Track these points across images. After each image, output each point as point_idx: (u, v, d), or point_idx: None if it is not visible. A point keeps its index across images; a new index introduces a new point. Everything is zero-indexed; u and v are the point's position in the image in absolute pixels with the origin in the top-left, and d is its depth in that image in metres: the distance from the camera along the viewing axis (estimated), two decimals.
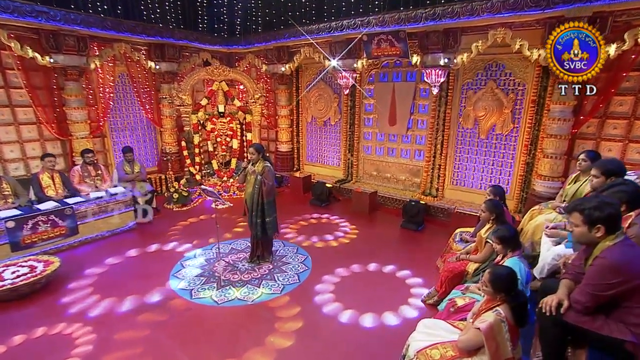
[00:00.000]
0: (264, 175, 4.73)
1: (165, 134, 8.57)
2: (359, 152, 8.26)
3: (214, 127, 8.33)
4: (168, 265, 5.14)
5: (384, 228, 6.46)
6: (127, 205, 6.34)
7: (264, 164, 4.78)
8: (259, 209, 4.83)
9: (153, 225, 6.61)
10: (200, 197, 7.97)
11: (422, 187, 7.32)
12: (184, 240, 5.97)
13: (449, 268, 4.05)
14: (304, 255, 5.45)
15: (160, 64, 8.01)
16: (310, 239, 6.02)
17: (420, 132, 7.27)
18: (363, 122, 8.08)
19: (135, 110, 8.36)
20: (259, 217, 4.86)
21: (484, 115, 6.31)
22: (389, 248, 5.69)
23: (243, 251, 5.60)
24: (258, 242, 5.14)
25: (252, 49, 8.90)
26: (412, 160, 7.50)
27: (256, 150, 4.77)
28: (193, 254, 5.50)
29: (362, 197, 7.22)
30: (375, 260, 5.24)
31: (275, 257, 5.37)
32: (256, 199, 4.80)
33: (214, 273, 4.93)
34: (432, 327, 2.90)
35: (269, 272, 4.97)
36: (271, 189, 4.85)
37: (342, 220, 6.82)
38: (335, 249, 5.69)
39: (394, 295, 4.38)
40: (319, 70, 8.39)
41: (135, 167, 6.85)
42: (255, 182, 4.76)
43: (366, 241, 5.95)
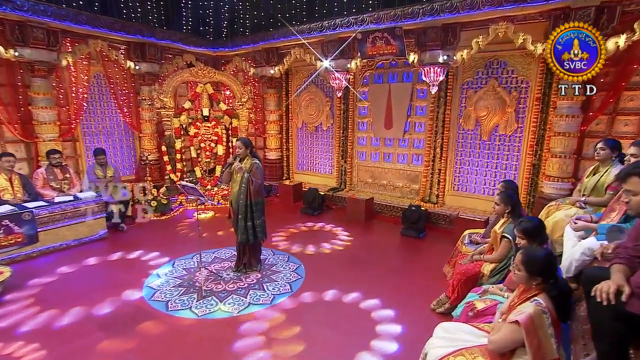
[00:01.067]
0: (252, 173, 4.38)
1: (145, 140, 8.19)
2: (352, 159, 8.05)
3: (198, 131, 8.00)
4: (141, 275, 4.68)
5: (383, 236, 6.14)
6: (97, 212, 5.87)
7: (252, 160, 4.45)
8: (247, 211, 4.47)
9: (127, 234, 6.16)
10: (182, 206, 7.55)
11: (421, 194, 7.07)
12: (160, 249, 5.53)
13: (461, 270, 3.71)
14: (296, 264, 5.06)
15: (141, 64, 7.72)
16: (303, 247, 5.62)
17: (418, 135, 7.09)
18: (357, 127, 7.89)
19: (111, 113, 7.99)
20: (248, 220, 4.49)
21: (486, 116, 6.16)
22: (389, 255, 5.37)
23: (228, 260, 5.19)
24: (245, 249, 4.74)
25: (240, 51, 8.71)
26: (410, 165, 7.29)
27: (244, 144, 4.45)
28: (171, 263, 5.05)
29: (357, 204, 6.93)
30: (376, 267, 4.89)
31: (264, 265, 4.96)
32: (243, 199, 4.44)
33: (195, 283, 4.49)
34: (452, 331, 2.53)
35: (257, 281, 4.55)
36: (260, 187, 4.52)
37: (336, 228, 6.49)
38: (329, 257, 5.33)
39: (401, 302, 4.00)
40: (309, 73, 8.27)
41: (108, 170, 6.42)
42: (242, 181, 4.41)
43: (364, 249, 5.61)
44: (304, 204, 7.53)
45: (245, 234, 4.51)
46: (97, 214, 5.89)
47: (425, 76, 6.17)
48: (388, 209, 7.15)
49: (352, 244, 5.80)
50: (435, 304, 3.94)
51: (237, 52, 8.75)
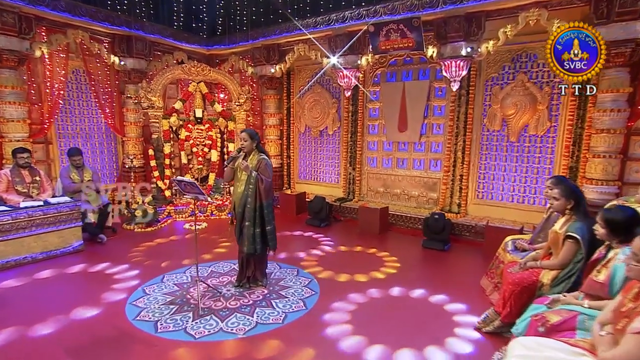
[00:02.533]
0: (260, 171, 3.97)
1: (129, 144, 7.75)
2: (362, 166, 7.73)
3: (190, 135, 7.63)
4: (122, 290, 4.16)
5: (403, 249, 5.72)
6: (72, 221, 5.36)
7: (260, 156, 4.04)
8: (255, 216, 4.03)
9: (106, 246, 5.67)
10: (170, 217, 7.07)
11: (441, 203, 6.74)
12: (147, 262, 5.04)
13: (514, 280, 3.29)
14: (307, 278, 4.60)
15: (126, 60, 7.37)
16: (311, 258, 5.15)
17: (436, 138, 6.81)
18: (367, 130, 7.61)
19: (91, 113, 7.57)
20: (257, 226, 4.05)
21: (514, 114, 5.90)
22: (414, 271, 4.94)
23: (227, 274, 4.71)
24: (249, 261, 4.28)
25: (236, 49, 8.45)
26: (427, 171, 6.98)
27: (250, 136, 4.05)
28: (159, 278, 4.54)
29: (371, 214, 6.56)
30: (400, 284, 4.45)
31: (270, 280, 4.49)
32: (251, 202, 4.01)
33: (189, 300, 3.99)
34: (536, 347, 2.10)
35: (263, 297, 4.07)
36: (271, 187, 4.12)
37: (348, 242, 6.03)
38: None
39: (433, 325, 3.55)
40: (314, 72, 8.03)
41: (85, 174, 5.91)
42: (248, 181, 4.00)
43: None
44: (309, 214, 7.10)
45: (253, 243, 4.05)
46: (72, 222, 5.36)
47: (445, 71, 5.93)
48: (403, 220, 6.79)
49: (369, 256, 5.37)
50: (482, 323, 3.49)
51: (234, 50, 8.49)
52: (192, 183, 3.76)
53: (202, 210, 7.32)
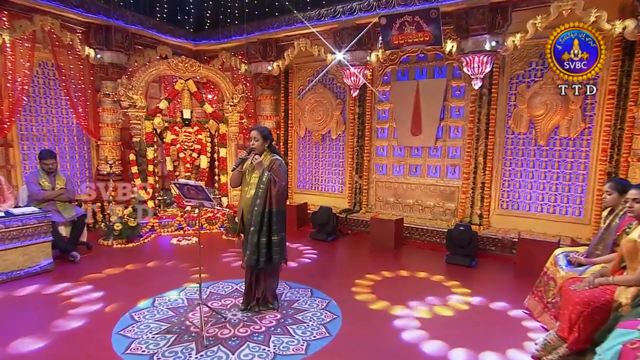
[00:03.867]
0: (273, 172, 3.64)
1: (104, 149, 7.30)
2: (369, 173, 7.51)
3: (176, 138, 7.23)
4: (107, 319, 3.70)
5: (424, 265, 5.42)
6: (40, 235, 4.86)
7: (272, 156, 3.76)
8: (262, 222, 3.69)
9: (80, 265, 5.17)
10: (154, 231, 6.63)
11: (460, 214, 6.52)
12: (128, 284, 4.62)
13: (582, 300, 2.99)
14: (324, 299, 4.23)
15: (103, 53, 6.98)
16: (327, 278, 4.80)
17: (453, 142, 6.64)
18: (375, 134, 7.42)
19: (61, 113, 7.09)
20: (263, 235, 3.70)
21: (543, 115, 5.75)
22: (428, 290, 4.64)
23: (229, 296, 4.31)
24: (258, 279, 3.90)
25: (228, 44, 8.17)
26: (444, 179, 6.78)
27: (261, 135, 3.76)
28: (149, 302, 4.10)
29: (384, 226, 6.30)
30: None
31: (282, 302, 4.11)
32: (260, 206, 3.67)
33: (189, 327, 3.56)
34: None
35: (277, 323, 3.68)
36: (284, 191, 3.82)
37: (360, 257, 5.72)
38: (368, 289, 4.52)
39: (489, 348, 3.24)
40: (316, 70, 7.83)
41: (58, 181, 5.46)
42: (260, 182, 3.66)
43: (405, 283, 4.87)
44: (313, 227, 6.77)
45: (255, 253, 3.69)
46: (40, 237, 4.86)
47: (467, 68, 5.77)
48: (419, 233, 6.55)
49: (391, 277, 5.05)
50: (542, 350, 3.19)
51: (225, 45, 8.20)
52: (199, 187, 3.38)
53: (191, 224, 6.87)
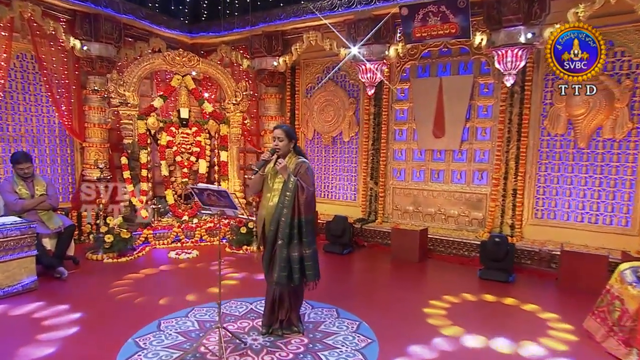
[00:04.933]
0: (300, 176, 3.44)
1: (90, 152, 7.02)
2: (386, 179, 7.40)
3: (172, 140, 7.02)
4: (108, 346, 3.43)
5: (454, 282, 5.26)
6: (22, 249, 4.56)
7: (298, 159, 3.57)
8: (291, 234, 3.46)
9: (69, 283, 4.91)
10: (148, 243, 6.38)
11: (489, 224, 6.40)
12: (131, 304, 4.36)
13: None
14: (354, 321, 4.01)
15: (90, 44, 6.72)
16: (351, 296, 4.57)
17: (481, 144, 6.55)
18: (393, 136, 7.33)
19: (41, 111, 6.84)
20: (294, 249, 3.47)
21: (584, 115, 5.65)
22: (479, 310, 4.46)
23: (245, 317, 4.08)
24: (283, 299, 3.67)
25: (228, 37, 8.00)
26: (470, 186, 6.68)
27: (286, 134, 3.57)
28: (154, 325, 3.83)
29: (407, 238, 6.18)
30: (474, 330, 3.93)
31: (306, 324, 3.92)
32: (287, 216, 3.45)
33: (205, 355, 3.31)
34: None
35: (305, 349, 3.44)
36: (312, 198, 3.59)
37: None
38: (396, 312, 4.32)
39: None
40: (325, 66, 7.78)
41: (37, 186, 5.16)
42: (285, 188, 3.45)
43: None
44: (327, 239, 6.61)
45: (286, 270, 3.45)
46: (22, 251, 4.57)
47: (498, 63, 5.62)
48: (444, 245, 6.43)
49: (421, 295, 4.87)
50: None
51: (225, 39, 8.03)
52: (222, 192, 3.14)
53: (189, 235, 6.65)
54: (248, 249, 6.29)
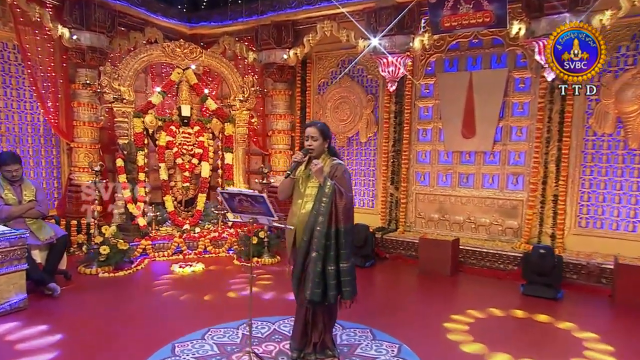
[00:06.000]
0: (337, 180, 3.32)
1: (79, 153, 7.00)
2: (409, 184, 7.37)
3: (172, 140, 6.91)
4: None
5: (496, 299, 5.12)
6: (11, 262, 4.36)
7: (332, 160, 3.44)
8: (327, 245, 3.27)
9: (62, 301, 4.72)
10: (146, 255, 6.24)
11: (526, 234, 6.31)
12: (138, 325, 4.21)
13: None
14: (392, 343, 3.86)
15: (80, 33, 6.66)
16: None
17: (516, 145, 6.50)
18: (416, 136, 7.31)
19: (24, 107, 6.81)
20: (330, 262, 3.29)
21: (637, 112, 5.58)
22: (528, 334, 4.28)
23: (270, 339, 3.91)
24: (315, 318, 3.48)
25: (232, 27, 8.06)
26: (504, 191, 6.62)
27: (321, 132, 3.42)
28: (168, 349, 3.65)
29: (438, 248, 6.09)
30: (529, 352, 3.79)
31: (339, 347, 3.74)
32: (323, 224, 3.26)
33: None
34: None
35: None
36: (351, 205, 3.43)
37: None
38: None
39: None
40: (340, 60, 7.81)
41: (25, 191, 5.02)
42: (321, 195, 3.30)
43: (486, 321, 4.54)
44: None
45: (320, 286, 3.26)
46: (11, 265, 4.36)
47: (539, 55, 5.58)
48: (476, 257, 6.33)
49: (461, 312, 4.71)
50: None
51: (228, 29, 8.10)
52: (258, 197, 3.00)
53: (192, 246, 6.52)
54: (259, 261, 6.16)
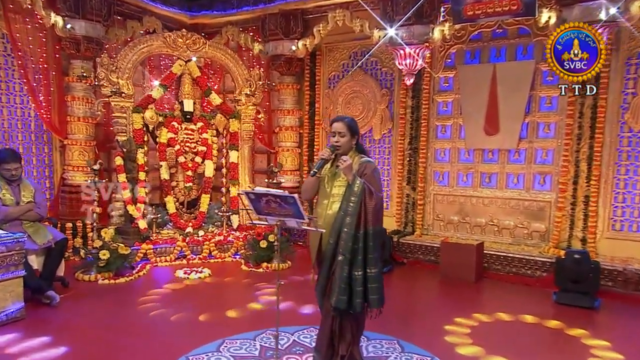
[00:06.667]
0: (366, 178, 3.23)
1: (73, 151, 6.94)
2: (426, 184, 7.36)
3: (174, 137, 6.88)
4: None
5: (527, 307, 5.05)
6: (7, 269, 4.26)
7: (361, 158, 3.35)
8: (354, 249, 3.17)
9: (61, 311, 4.62)
10: (147, 261, 6.18)
11: (555, 238, 6.25)
12: (148, 337, 4.15)
13: None
14: (424, 357, 3.79)
15: (75, 22, 6.57)
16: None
17: (543, 143, 6.48)
18: (434, 133, 7.31)
19: (14, 101, 6.77)
20: (357, 267, 3.19)
21: None
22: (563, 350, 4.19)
23: (291, 351, 3.83)
24: (343, 329, 3.36)
25: (236, 17, 8.06)
26: (530, 192, 6.59)
27: (349, 128, 3.32)
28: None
29: (461, 253, 6.06)
30: None
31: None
32: (351, 225, 3.17)
33: None
34: None
35: None
36: (381, 206, 3.35)
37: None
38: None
39: None
40: (353, 52, 7.83)
41: (24, 192, 4.97)
42: (349, 194, 3.20)
43: (516, 331, 4.49)
44: None
45: (346, 292, 3.16)
46: (7, 271, 4.26)
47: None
48: (500, 262, 6.30)
49: (489, 321, 4.66)
50: None
51: (232, 18, 8.10)
52: (288, 198, 2.90)
53: (196, 251, 6.47)
54: (269, 266, 6.08)
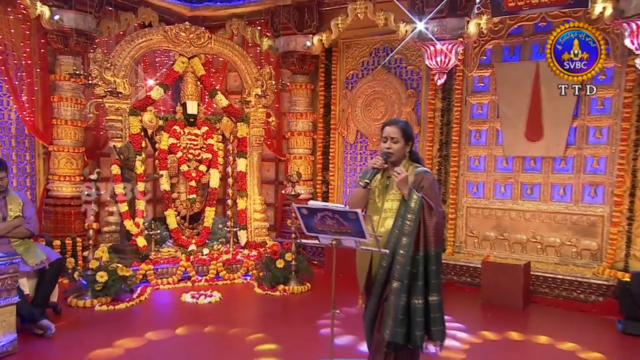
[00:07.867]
0: (423, 191, 3.11)
1: (59, 158, 6.91)
2: (458, 196, 7.35)
3: (176, 143, 6.82)
4: None
5: (588, 337, 4.99)
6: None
7: (416, 168, 3.25)
8: (416, 273, 3.04)
9: (58, 343, 4.50)
10: (147, 283, 6.07)
11: (609, 257, 6.15)
12: None
13: None
14: None
15: (63, 13, 6.56)
16: None
17: (594, 149, 6.44)
18: (467, 139, 7.30)
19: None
20: (416, 294, 3.04)
21: None
22: None
23: None
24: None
25: (241, 9, 8.12)
26: (578, 205, 6.52)
27: (403, 132, 3.22)
28: None
29: (506, 274, 5.96)
30: None
31: None
32: (407, 247, 3.03)
33: None
34: None
35: None
36: (443, 224, 3.40)
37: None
38: None
39: None
40: (373, 48, 7.93)
41: (10, 205, 4.88)
42: (405, 210, 3.08)
43: None
44: None
45: (404, 324, 3.01)
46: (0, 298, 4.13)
47: (630, 39, 5.41)
48: (548, 285, 6.25)
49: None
50: None
51: (237, 10, 8.15)
52: (350, 213, 2.74)
53: (202, 272, 6.38)
54: (286, 289, 6.00)
